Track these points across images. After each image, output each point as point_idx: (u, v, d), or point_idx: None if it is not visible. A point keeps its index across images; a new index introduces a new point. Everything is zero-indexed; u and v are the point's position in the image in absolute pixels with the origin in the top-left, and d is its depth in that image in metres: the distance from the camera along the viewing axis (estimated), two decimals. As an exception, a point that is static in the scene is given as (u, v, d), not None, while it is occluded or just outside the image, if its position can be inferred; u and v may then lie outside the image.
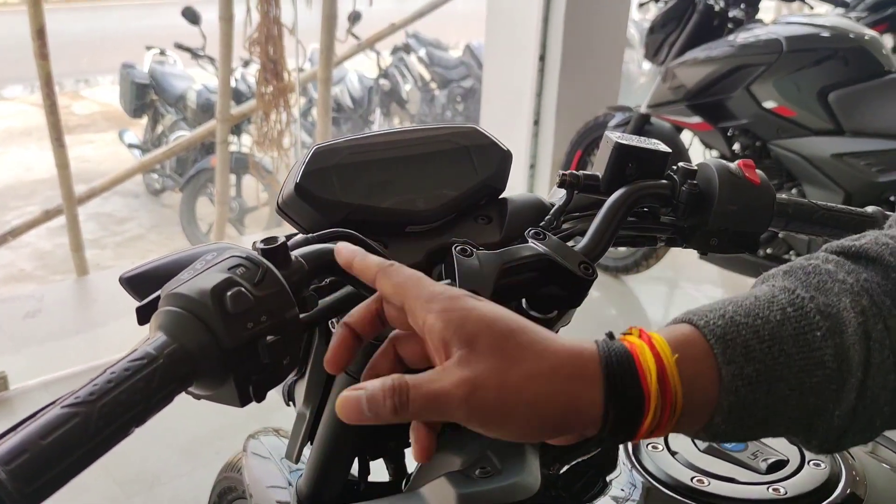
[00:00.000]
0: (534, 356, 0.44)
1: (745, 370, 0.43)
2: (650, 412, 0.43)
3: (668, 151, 0.75)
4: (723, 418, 0.43)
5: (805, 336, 0.43)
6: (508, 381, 0.43)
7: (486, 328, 0.44)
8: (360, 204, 0.68)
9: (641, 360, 0.43)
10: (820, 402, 0.44)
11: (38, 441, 0.39)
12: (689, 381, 0.43)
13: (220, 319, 0.45)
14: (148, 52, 5.74)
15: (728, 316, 0.44)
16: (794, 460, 0.50)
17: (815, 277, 0.46)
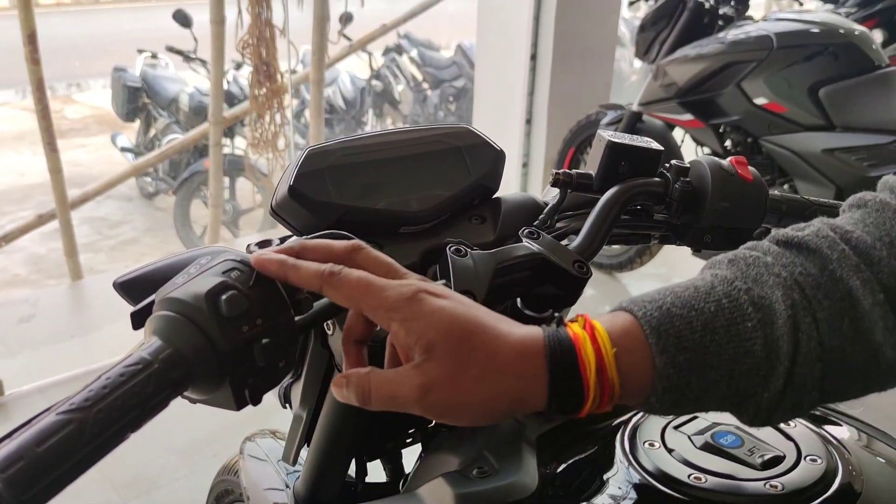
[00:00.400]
0: (485, 358, 0.47)
1: (676, 359, 0.46)
2: (589, 400, 0.47)
3: (661, 149, 0.75)
4: (657, 398, 0.47)
5: (737, 326, 0.46)
6: (460, 384, 0.47)
7: (444, 335, 0.47)
8: (354, 205, 0.68)
9: (583, 354, 0.47)
10: (749, 386, 0.47)
11: (34, 448, 0.39)
12: (626, 369, 0.47)
13: (215, 323, 0.45)
14: (139, 56, 5.72)
15: (665, 308, 0.48)
16: (790, 456, 0.50)
17: (753, 269, 0.49)
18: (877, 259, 0.49)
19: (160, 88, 5.41)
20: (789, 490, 0.47)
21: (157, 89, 5.42)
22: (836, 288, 0.48)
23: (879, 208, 0.53)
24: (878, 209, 0.53)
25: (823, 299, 0.48)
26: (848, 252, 0.49)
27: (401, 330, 0.48)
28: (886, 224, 0.51)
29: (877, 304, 0.48)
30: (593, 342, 0.47)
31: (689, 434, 0.52)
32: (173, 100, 5.33)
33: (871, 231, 0.51)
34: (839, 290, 0.48)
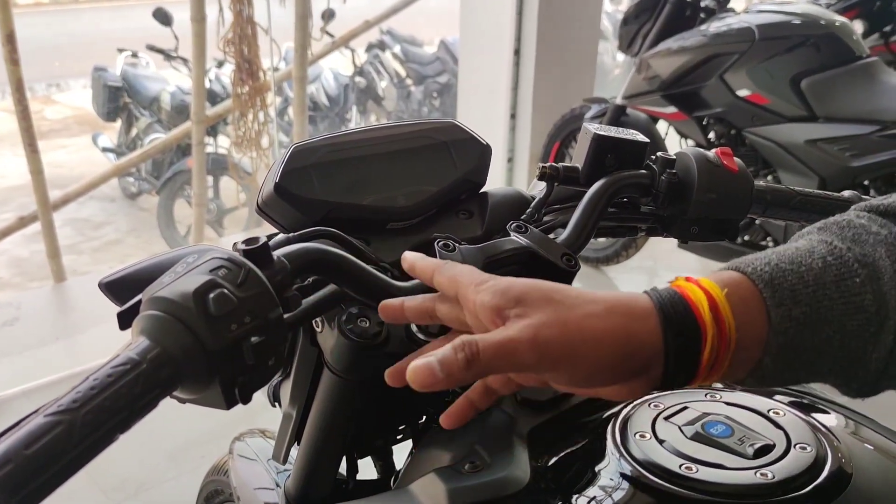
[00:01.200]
0: (586, 301, 0.46)
1: (792, 312, 0.45)
2: (708, 342, 0.45)
3: (647, 141, 0.75)
4: (772, 359, 0.45)
5: (846, 282, 0.46)
6: (568, 321, 0.45)
7: (534, 288, 0.47)
8: (341, 202, 0.68)
9: (692, 296, 0.45)
10: (859, 346, 0.46)
11: (22, 451, 0.38)
12: (740, 317, 0.45)
13: (203, 322, 0.45)
14: (120, 55, 5.68)
15: (773, 263, 0.46)
16: (780, 445, 0.50)
17: (849, 231, 0.49)
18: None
19: (141, 88, 5.38)
20: (780, 478, 0.47)
21: (138, 89, 5.38)
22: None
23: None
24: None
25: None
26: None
27: (486, 295, 0.48)
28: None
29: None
30: (700, 287, 0.46)
31: (680, 425, 0.52)
32: (155, 99, 5.30)
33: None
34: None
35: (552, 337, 0.45)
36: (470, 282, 0.50)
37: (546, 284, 0.48)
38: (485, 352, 0.45)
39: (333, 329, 0.62)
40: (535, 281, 0.49)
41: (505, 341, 0.45)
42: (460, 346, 0.45)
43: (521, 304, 0.47)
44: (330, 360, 0.64)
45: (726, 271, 0.48)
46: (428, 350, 0.52)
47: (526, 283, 0.48)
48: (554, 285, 0.48)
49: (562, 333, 0.45)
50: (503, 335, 0.46)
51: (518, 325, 0.46)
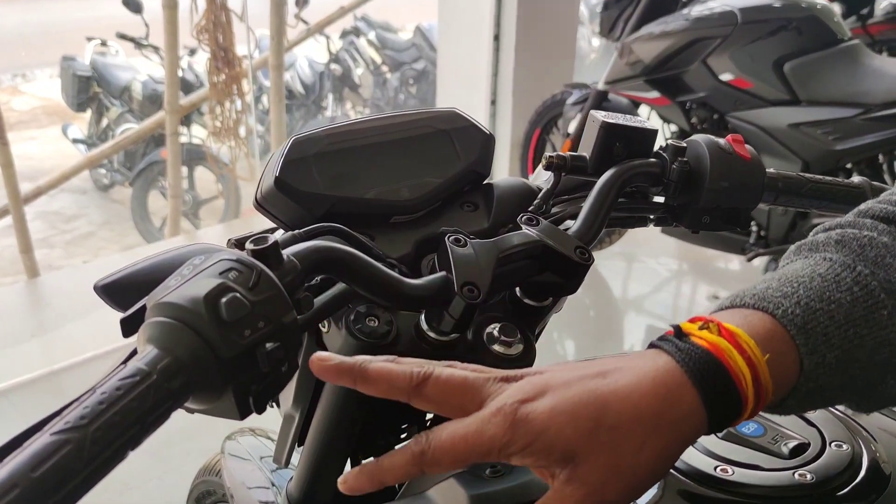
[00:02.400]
0: (630, 427, 0.41)
1: (826, 358, 0.43)
2: (747, 412, 0.43)
3: (656, 129, 0.73)
4: (797, 401, 0.44)
5: (874, 315, 0.44)
6: (624, 469, 0.41)
7: (575, 437, 0.41)
8: (343, 196, 0.65)
9: (733, 366, 0.42)
10: (880, 376, 0.45)
11: (29, 474, 0.35)
12: (776, 373, 0.43)
13: (215, 328, 0.42)
14: (89, 44, 5.56)
15: (804, 303, 0.44)
16: (815, 443, 0.49)
17: (871, 251, 0.47)
18: None
19: (111, 77, 5.27)
20: (820, 479, 0.46)
21: (108, 78, 5.28)
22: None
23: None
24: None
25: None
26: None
27: (527, 459, 0.42)
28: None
29: None
30: (740, 351, 0.42)
31: None
32: (125, 88, 5.20)
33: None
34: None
35: (615, 494, 0.41)
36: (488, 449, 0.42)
37: (587, 413, 0.42)
38: None
39: (341, 329, 0.60)
40: (573, 412, 0.42)
41: None
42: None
43: (569, 463, 0.42)
44: (336, 361, 0.62)
45: (750, 311, 0.45)
46: None
47: (565, 430, 0.41)
48: (589, 408, 0.42)
49: (623, 485, 0.41)
50: None
51: (573, 495, 0.41)
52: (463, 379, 0.44)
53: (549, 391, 0.43)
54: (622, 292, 3.26)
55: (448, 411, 0.44)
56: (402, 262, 0.65)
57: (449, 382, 0.44)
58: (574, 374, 0.44)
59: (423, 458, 0.43)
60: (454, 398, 0.44)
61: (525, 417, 0.41)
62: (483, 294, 0.56)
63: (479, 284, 0.56)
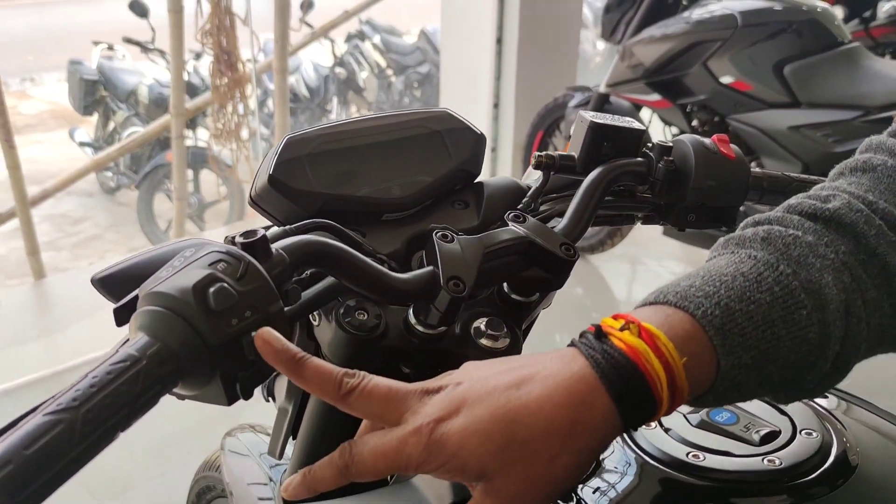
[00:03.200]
0: (543, 438, 0.43)
1: (742, 359, 0.44)
2: (661, 412, 0.44)
3: (643, 129, 0.75)
4: (714, 397, 0.45)
5: (793, 316, 0.45)
6: (539, 478, 0.43)
7: (487, 454, 0.43)
8: (335, 193, 0.67)
9: (649, 370, 0.43)
10: (797, 373, 0.46)
11: (22, 451, 0.37)
12: (692, 374, 0.44)
13: (203, 317, 0.44)
14: (95, 48, 5.60)
15: (724, 304, 0.45)
16: (785, 431, 0.50)
17: (795, 250, 0.47)
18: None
19: (118, 81, 5.31)
20: (788, 464, 0.47)
21: (114, 82, 5.32)
22: (874, 265, 0.48)
23: (891, 174, 0.52)
24: (891, 175, 0.52)
25: (867, 279, 0.47)
26: (885, 229, 0.49)
27: (444, 475, 0.44)
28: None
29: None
30: (657, 353, 0.43)
31: (685, 413, 0.52)
32: (132, 92, 5.24)
33: (890, 199, 0.51)
34: (877, 266, 0.48)
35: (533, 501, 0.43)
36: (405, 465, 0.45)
37: (499, 429, 0.43)
38: None
39: (331, 322, 0.61)
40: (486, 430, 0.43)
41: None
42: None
43: (483, 477, 0.43)
44: (328, 353, 0.64)
45: (672, 309, 0.45)
46: None
47: (478, 448, 0.43)
48: (500, 425, 0.43)
49: (539, 492, 0.43)
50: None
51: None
52: (387, 390, 0.46)
53: (463, 408, 0.44)
54: (625, 294, 3.27)
55: (373, 420, 0.47)
56: (392, 258, 0.66)
57: (373, 393, 0.46)
58: (489, 387, 0.45)
59: (347, 470, 0.46)
60: (377, 408, 0.46)
61: (439, 439, 0.43)
62: (468, 288, 0.58)
63: (464, 279, 0.58)
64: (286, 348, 0.46)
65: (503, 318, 0.66)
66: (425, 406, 0.45)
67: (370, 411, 0.46)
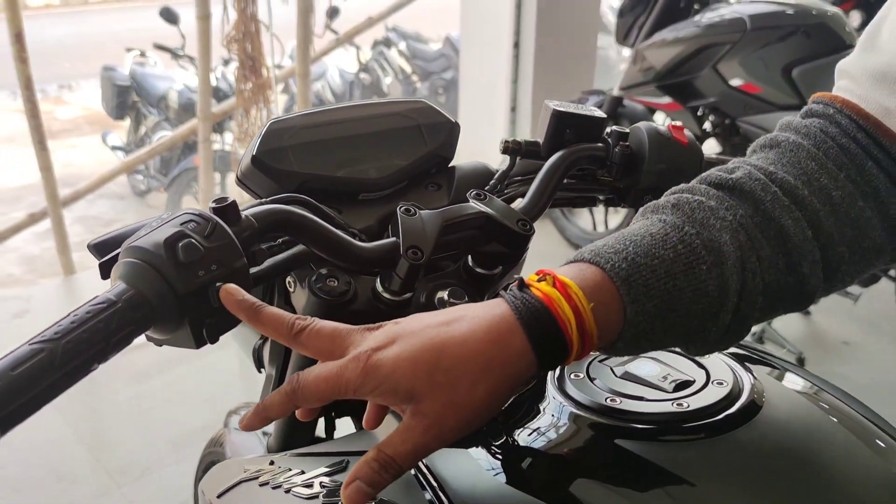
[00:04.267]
0: (465, 366, 0.48)
1: (645, 307, 0.49)
2: (573, 353, 0.49)
3: (604, 116, 0.80)
4: (624, 343, 0.51)
5: (693, 270, 0.50)
6: (460, 403, 0.48)
7: (415, 377, 0.48)
8: (315, 173, 0.73)
9: (560, 314, 0.49)
10: (700, 323, 0.51)
11: (9, 372, 0.44)
12: (601, 321, 0.49)
13: (173, 268, 0.50)
14: (128, 54, 5.76)
15: (630, 258, 0.50)
16: (699, 381, 0.55)
17: (699, 213, 0.53)
18: (801, 198, 0.54)
19: (149, 86, 5.45)
20: (695, 407, 0.52)
21: (146, 87, 5.45)
22: (771, 227, 0.53)
23: (793, 149, 0.57)
24: (792, 150, 0.57)
25: (763, 239, 0.52)
26: (779, 194, 0.54)
27: (377, 398, 0.50)
28: (802, 163, 0.56)
29: (806, 239, 0.53)
30: (568, 300, 0.48)
31: (612, 366, 0.57)
32: (162, 97, 5.37)
33: (790, 171, 0.56)
34: (773, 228, 0.53)
35: (452, 425, 0.49)
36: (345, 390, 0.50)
37: (427, 356, 0.49)
38: (404, 464, 0.49)
39: (304, 288, 0.67)
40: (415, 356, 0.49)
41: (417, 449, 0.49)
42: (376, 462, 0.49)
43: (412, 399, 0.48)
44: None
45: (585, 265, 0.51)
46: None
47: (407, 372, 0.48)
48: (428, 352, 0.49)
49: (460, 417, 0.48)
50: (412, 444, 0.49)
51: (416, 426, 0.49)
52: (332, 329, 0.52)
53: (398, 340, 0.50)
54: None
55: (322, 357, 0.52)
56: (365, 233, 0.72)
57: (320, 333, 0.52)
58: (422, 324, 0.51)
59: (294, 395, 0.51)
60: (325, 346, 0.52)
61: (374, 364, 0.49)
62: (425, 256, 0.63)
63: (422, 248, 0.63)
64: (245, 298, 0.53)
65: (466, 290, 0.72)
66: (365, 339, 0.51)
67: (319, 349, 0.52)
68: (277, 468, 0.65)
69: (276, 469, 0.65)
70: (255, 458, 0.71)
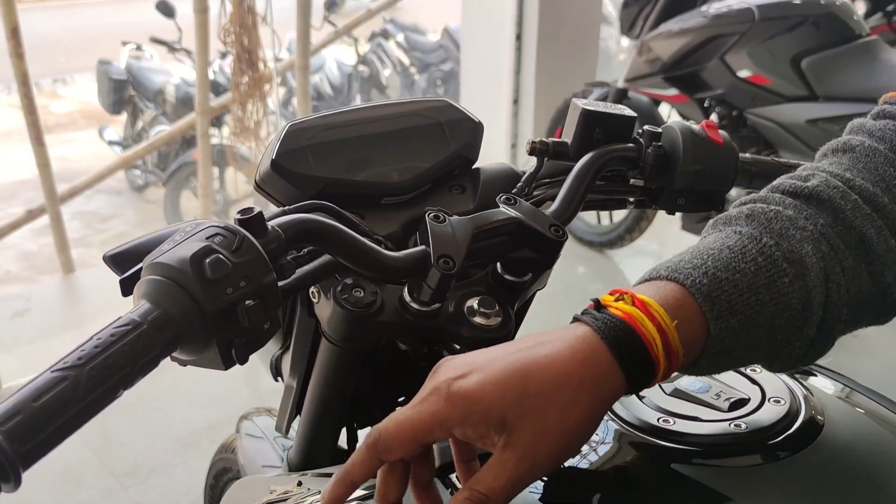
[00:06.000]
0: (554, 391, 0.45)
1: (729, 323, 0.47)
2: (661, 372, 0.47)
3: (634, 115, 0.77)
4: (707, 361, 0.48)
5: (776, 283, 0.48)
6: (552, 430, 0.45)
7: (503, 404, 0.45)
8: (336, 177, 0.70)
9: (645, 332, 0.46)
10: (785, 338, 0.49)
11: (30, 403, 0.41)
12: (685, 338, 0.47)
13: (199, 285, 0.47)
14: (124, 48, 5.70)
15: (711, 273, 0.48)
16: (755, 399, 0.52)
17: (777, 224, 0.50)
18: (881, 206, 0.52)
19: (146, 80, 5.39)
20: (753, 428, 0.49)
21: (142, 81, 5.40)
22: (852, 236, 0.51)
23: (869, 154, 0.55)
24: (868, 154, 0.55)
25: (845, 249, 0.50)
26: (860, 202, 0.52)
27: (465, 430, 0.46)
28: (879, 169, 0.54)
29: (889, 249, 0.51)
30: (651, 318, 0.46)
31: (661, 383, 0.54)
32: (159, 91, 5.32)
33: (867, 177, 0.54)
34: (854, 237, 0.51)
35: (547, 454, 0.45)
36: (428, 428, 0.47)
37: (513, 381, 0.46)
38: (498, 498, 0.46)
39: (329, 299, 0.64)
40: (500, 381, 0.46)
41: (512, 483, 0.45)
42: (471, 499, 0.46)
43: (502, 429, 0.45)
44: (327, 329, 0.67)
45: (663, 282, 0.49)
46: None
47: (494, 398, 0.46)
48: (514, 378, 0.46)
49: (554, 445, 0.45)
50: (506, 478, 0.45)
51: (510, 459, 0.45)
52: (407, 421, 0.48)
53: (476, 368, 0.47)
54: (643, 289, 3.27)
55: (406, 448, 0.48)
56: (390, 240, 0.69)
57: (399, 428, 0.48)
58: (499, 351, 0.48)
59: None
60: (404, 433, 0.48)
61: (458, 391, 0.46)
62: (458, 266, 0.60)
63: (454, 257, 0.60)
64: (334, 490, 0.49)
65: (496, 297, 0.69)
66: (437, 374, 0.48)
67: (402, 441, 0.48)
68: (307, 490, 0.62)
69: (304, 491, 0.62)
70: (281, 478, 0.68)
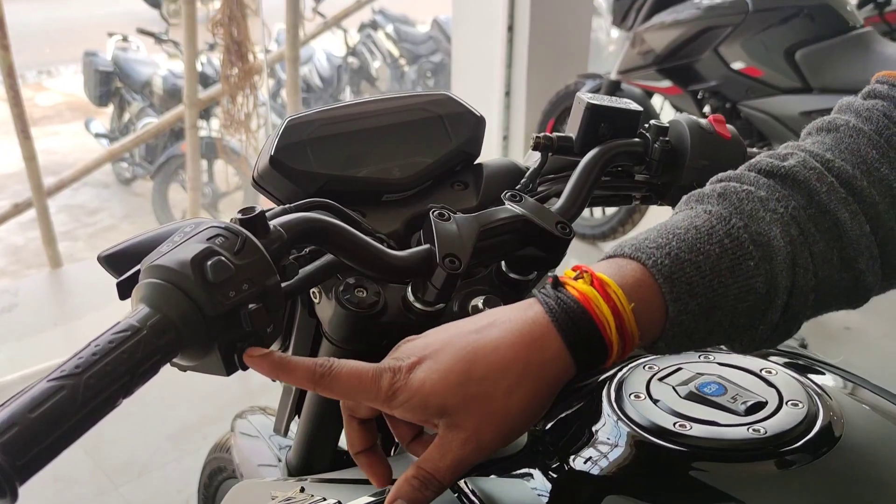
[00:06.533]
0: (499, 375, 0.46)
1: (689, 305, 0.46)
2: (613, 355, 0.47)
3: (640, 110, 0.75)
4: (666, 343, 0.48)
5: (740, 266, 0.47)
6: (496, 413, 0.46)
7: (447, 390, 0.46)
8: (336, 174, 0.68)
9: (598, 314, 0.46)
10: (748, 321, 0.48)
11: (27, 415, 0.39)
12: (642, 320, 0.46)
13: (201, 289, 0.45)
14: (110, 39, 5.63)
15: (673, 254, 0.47)
16: (772, 402, 0.51)
17: (747, 204, 0.49)
18: (859, 190, 0.50)
19: (132, 72, 5.34)
20: (772, 433, 0.48)
21: (129, 73, 5.34)
22: (825, 220, 0.49)
23: (852, 134, 0.54)
24: (852, 135, 0.54)
25: (816, 232, 0.49)
26: (836, 185, 0.50)
27: (407, 413, 0.48)
28: (861, 151, 0.52)
29: (863, 234, 0.50)
30: (607, 299, 0.46)
31: (674, 385, 0.53)
32: (146, 83, 5.26)
33: (848, 158, 0.52)
34: (828, 221, 0.49)
35: (491, 436, 0.46)
36: (374, 397, 0.48)
37: (455, 372, 0.47)
38: (444, 481, 0.48)
39: (331, 299, 0.63)
40: (442, 371, 0.47)
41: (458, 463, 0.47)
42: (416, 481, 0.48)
43: (444, 415, 0.47)
44: (328, 330, 0.65)
45: (625, 260, 0.48)
46: None
47: (435, 387, 0.47)
48: (462, 363, 0.47)
49: (498, 428, 0.46)
50: (451, 458, 0.47)
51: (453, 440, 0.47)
52: (351, 370, 0.49)
53: (427, 356, 0.48)
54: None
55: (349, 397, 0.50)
56: (392, 238, 0.68)
57: (340, 376, 0.49)
58: (453, 333, 0.49)
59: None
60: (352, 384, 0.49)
61: (408, 378, 0.47)
62: (464, 265, 0.59)
63: (460, 256, 0.59)
64: (271, 356, 0.49)
65: (501, 296, 0.67)
66: (395, 354, 0.50)
67: (345, 390, 0.49)
68: (310, 496, 0.60)
69: (307, 498, 0.60)
70: (282, 483, 0.67)
